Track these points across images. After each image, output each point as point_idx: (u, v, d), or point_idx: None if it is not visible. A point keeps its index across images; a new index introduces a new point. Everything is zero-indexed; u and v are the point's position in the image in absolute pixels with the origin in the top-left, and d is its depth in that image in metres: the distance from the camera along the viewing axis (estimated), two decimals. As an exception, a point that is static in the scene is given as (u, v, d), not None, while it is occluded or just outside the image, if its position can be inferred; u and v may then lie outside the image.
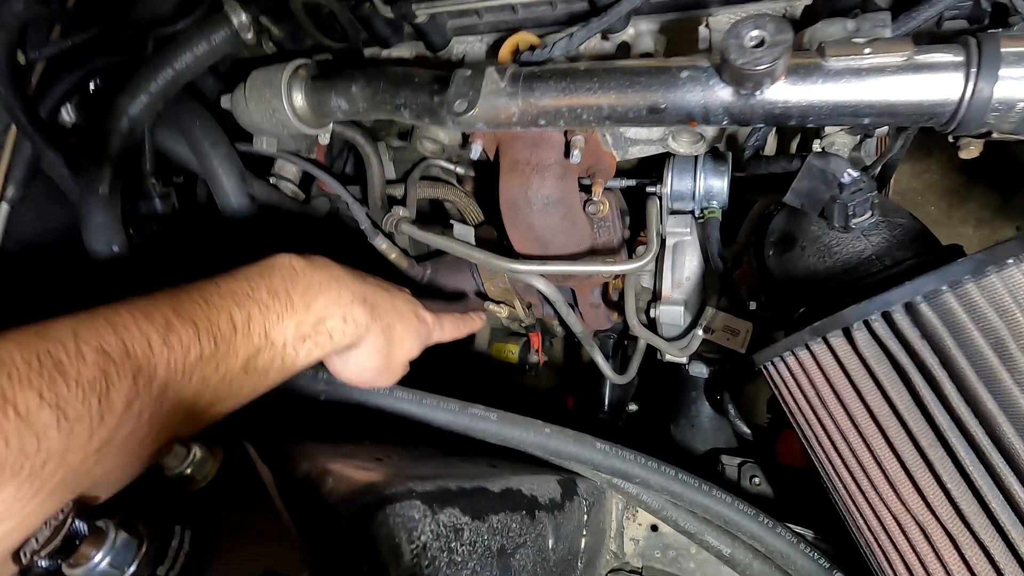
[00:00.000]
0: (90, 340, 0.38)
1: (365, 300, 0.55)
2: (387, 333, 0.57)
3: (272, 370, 0.47)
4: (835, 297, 0.58)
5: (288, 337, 0.47)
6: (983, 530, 0.46)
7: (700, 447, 1.12)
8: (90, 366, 0.37)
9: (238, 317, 0.45)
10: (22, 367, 0.35)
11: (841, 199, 0.55)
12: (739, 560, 0.78)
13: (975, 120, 0.46)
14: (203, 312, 0.43)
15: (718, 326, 0.89)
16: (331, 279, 0.53)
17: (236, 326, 0.44)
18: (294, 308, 0.48)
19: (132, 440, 0.39)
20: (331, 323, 0.51)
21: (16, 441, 0.33)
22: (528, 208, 0.83)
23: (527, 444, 0.71)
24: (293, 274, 0.50)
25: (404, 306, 0.61)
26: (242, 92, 0.79)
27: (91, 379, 0.37)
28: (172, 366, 0.40)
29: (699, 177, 0.88)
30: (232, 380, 0.44)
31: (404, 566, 0.41)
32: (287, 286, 0.49)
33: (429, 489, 0.49)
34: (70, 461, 0.35)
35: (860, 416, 0.52)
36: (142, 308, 0.41)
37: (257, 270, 0.50)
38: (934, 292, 0.48)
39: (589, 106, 0.58)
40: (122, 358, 0.38)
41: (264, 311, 0.46)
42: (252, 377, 0.45)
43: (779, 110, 0.51)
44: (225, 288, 0.46)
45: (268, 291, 0.48)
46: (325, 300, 0.51)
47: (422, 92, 0.66)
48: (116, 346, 0.38)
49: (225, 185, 0.79)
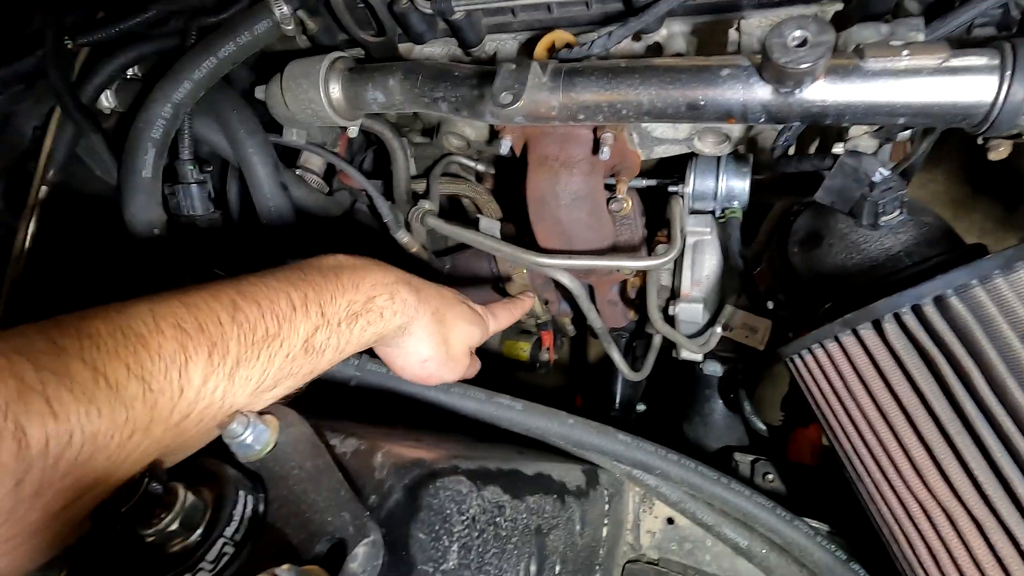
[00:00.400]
0: (167, 316, 0.39)
1: (410, 283, 0.57)
2: (437, 316, 0.59)
3: (328, 348, 0.48)
4: (863, 292, 0.59)
5: (342, 315, 0.49)
6: (1009, 515, 0.48)
7: (713, 444, 1.13)
8: (169, 340, 0.38)
9: (296, 297, 0.46)
10: (108, 340, 0.36)
11: (872, 197, 0.57)
12: (755, 552, 0.80)
13: (1008, 122, 0.48)
14: (264, 294, 0.45)
15: (737, 323, 0.91)
16: (375, 264, 0.55)
17: (295, 305, 0.46)
18: (344, 288, 0.50)
19: (207, 414, 0.40)
20: (380, 300, 0.52)
21: (108, 411, 0.34)
22: (556, 203, 0.85)
23: (551, 434, 0.72)
24: (339, 262, 0.53)
25: (451, 295, 0.63)
26: (278, 83, 0.81)
27: (172, 352, 0.38)
28: (242, 342, 0.42)
29: (721, 178, 0.90)
30: (294, 359, 0.45)
31: (457, 535, 0.42)
32: (337, 270, 0.51)
33: (472, 467, 0.51)
34: (153, 433, 0.36)
35: (888, 406, 0.54)
36: (209, 290, 0.43)
37: (307, 263, 0.52)
38: (964, 286, 0.50)
39: (629, 102, 0.60)
40: (197, 333, 0.39)
41: (318, 291, 0.48)
42: (311, 356, 0.47)
43: (817, 109, 0.53)
44: (280, 274, 0.48)
45: (320, 274, 0.50)
46: (371, 280, 0.53)
47: (462, 85, 0.67)
48: (191, 322, 0.40)
49: (260, 173, 0.80)
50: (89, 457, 0.34)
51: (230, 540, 0.38)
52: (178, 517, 0.37)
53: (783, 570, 0.79)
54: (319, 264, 0.52)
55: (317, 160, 1.07)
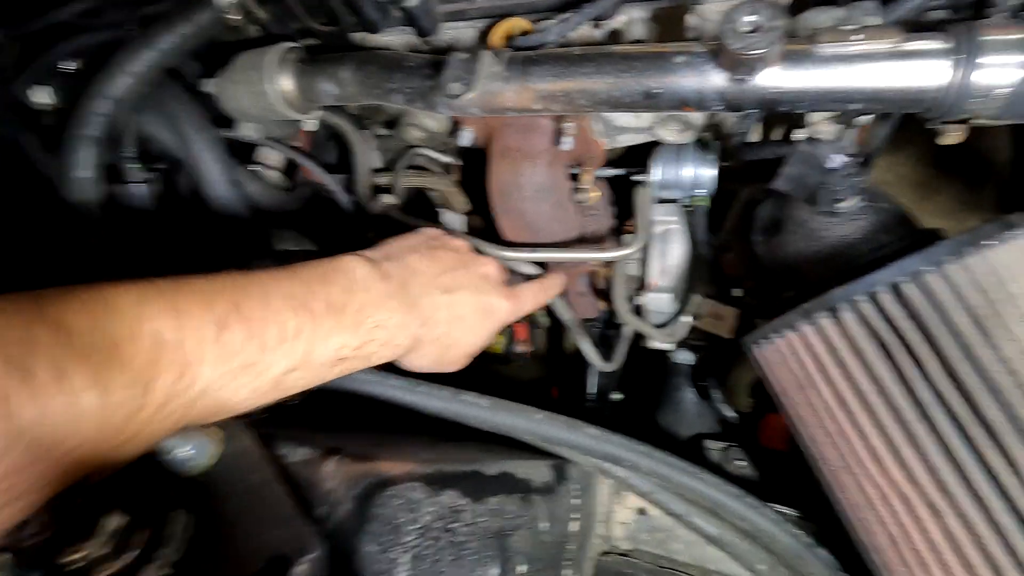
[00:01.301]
0: (150, 320, 0.36)
1: (417, 317, 0.53)
2: (440, 342, 0.56)
3: (298, 387, 0.45)
4: (822, 280, 0.59)
5: (327, 357, 0.46)
6: (964, 501, 0.48)
7: (685, 432, 1.14)
8: (144, 351, 0.35)
9: (291, 328, 0.43)
10: (82, 338, 0.33)
11: (829, 184, 0.57)
12: (726, 540, 0.80)
13: (958, 106, 0.48)
14: (260, 313, 0.41)
15: (705, 312, 0.91)
16: (387, 296, 0.51)
17: (285, 337, 0.42)
18: (343, 328, 0.47)
19: (153, 437, 0.37)
20: (371, 347, 0.49)
21: (62, 419, 0.31)
22: (519, 195, 0.83)
23: (519, 431, 0.71)
24: (352, 284, 0.49)
25: (473, 302, 0.59)
26: (227, 76, 0.78)
27: (142, 366, 0.35)
28: (217, 368, 0.38)
29: (687, 166, 0.89)
30: (260, 392, 0.42)
31: (408, 546, 0.41)
32: (344, 301, 0.47)
33: (429, 471, 0.49)
34: (99, 449, 0.34)
35: (846, 394, 0.54)
36: (206, 293, 0.39)
37: (320, 273, 0.48)
38: (918, 273, 0.50)
39: (585, 91, 0.58)
40: (175, 349, 0.36)
41: (315, 326, 0.44)
42: (278, 389, 0.43)
43: (771, 95, 0.53)
44: (287, 289, 0.44)
45: (326, 303, 0.46)
46: (374, 321, 0.49)
47: (415, 76, 0.65)
48: (173, 333, 0.36)
49: (210, 170, 0.77)
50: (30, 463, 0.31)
51: (166, 563, 0.37)
52: (106, 541, 0.35)
53: (752, 556, 0.79)
54: (331, 285, 0.47)
55: (275, 155, 1.03)
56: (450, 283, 0.58)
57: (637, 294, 0.98)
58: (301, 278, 0.46)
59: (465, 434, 0.72)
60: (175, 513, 0.38)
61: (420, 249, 0.58)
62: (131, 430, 0.35)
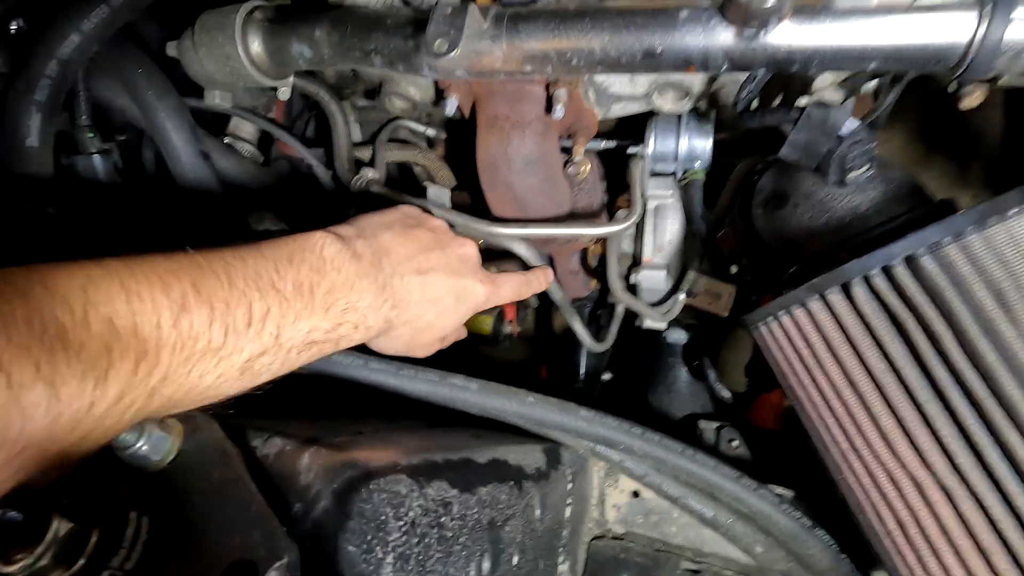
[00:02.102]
0: (100, 305, 0.32)
1: (388, 299, 0.50)
2: (412, 324, 0.54)
3: (266, 373, 0.42)
4: (831, 254, 0.56)
5: (297, 341, 0.42)
6: (979, 484, 0.46)
7: (677, 413, 1.12)
8: (95, 338, 0.31)
9: (257, 310, 0.39)
10: (23, 327, 0.29)
11: (840, 151, 0.53)
12: (721, 522, 0.78)
13: (985, 63, 0.44)
14: (222, 294, 0.38)
15: (700, 290, 0.88)
16: (358, 276, 0.48)
17: (251, 320, 0.39)
18: (313, 310, 0.43)
19: (110, 433, 0.33)
20: (343, 330, 0.46)
21: (2, 421, 0.27)
22: (507, 168, 0.79)
23: (510, 414, 0.68)
24: (322, 265, 0.45)
25: (447, 284, 0.56)
26: (190, 37, 0.71)
27: (94, 356, 0.31)
28: (177, 354, 0.35)
29: (682, 137, 0.85)
30: (224, 379, 0.38)
31: (392, 544, 0.38)
32: (312, 281, 0.44)
33: (415, 462, 0.46)
34: (47, 451, 0.30)
35: (857, 373, 0.51)
36: (161, 274, 0.35)
37: (288, 252, 0.44)
38: (937, 245, 0.47)
39: (580, 50, 0.54)
40: (129, 335, 0.32)
41: (283, 308, 0.41)
42: (244, 377, 0.40)
43: (782, 54, 0.49)
44: (252, 268, 0.41)
45: (294, 284, 0.42)
46: (344, 304, 0.46)
47: (395, 36, 0.60)
48: (126, 318, 0.32)
49: (174, 141, 0.71)
50: None
51: (119, 570, 0.33)
52: (50, 550, 0.31)
53: (749, 538, 0.78)
54: (299, 265, 0.44)
55: (248, 127, 0.97)
56: (425, 264, 0.54)
57: (631, 271, 0.95)
58: (267, 257, 0.43)
59: (456, 418, 0.69)
60: (130, 515, 0.34)
61: (395, 227, 0.54)
62: (85, 427, 0.31)
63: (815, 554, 0.72)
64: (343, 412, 0.64)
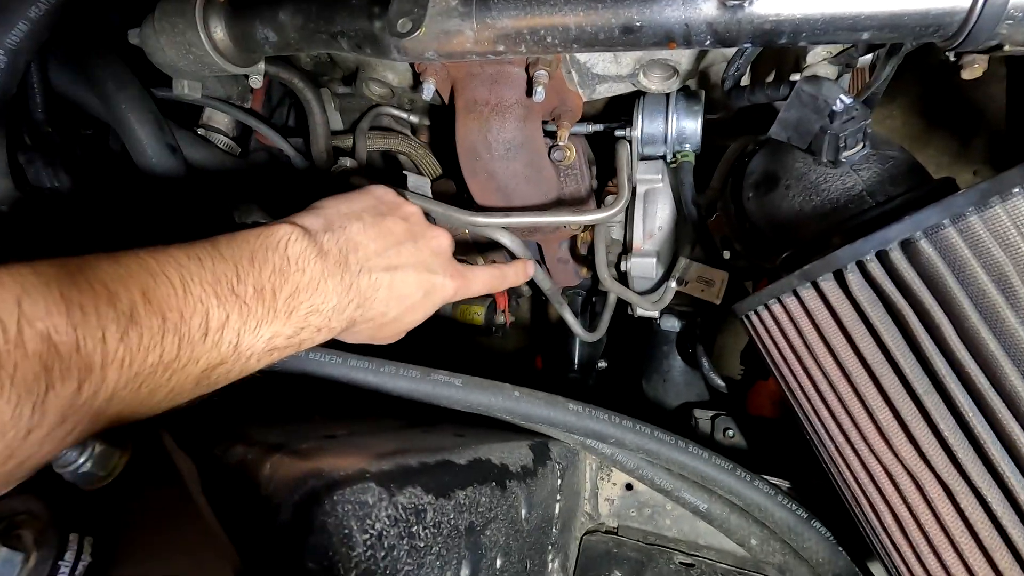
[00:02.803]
0: (36, 320, 0.29)
1: (354, 300, 0.48)
2: (376, 321, 0.52)
3: (223, 381, 0.39)
4: (824, 239, 0.53)
5: (258, 349, 0.40)
6: (980, 478, 0.44)
7: (672, 402, 1.10)
8: (31, 358, 0.28)
9: (215, 318, 0.37)
10: None
11: (832, 129, 0.50)
12: (716, 515, 0.77)
13: (987, 30, 0.41)
14: (176, 302, 0.35)
15: (692, 277, 0.85)
16: (324, 276, 0.45)
17: (208, 329, 0.36)
18: (275, 315, 0.41)
19: (49, 456, 0.31)
20: (305, 333, 0.44)
21: None
22: (488, 154, 0.75)
23: (496, 409, 0.66)
24: (285, 266, 0.43)
25: (416, 280, 0.54)
26: (151, 24, 0.68)
27: (30, 379, 0.28)
28: (124, 371, 0.32)
29: (671, 118, 0.82)
30: (178, 392, 0.36)
31: (356, 560, 0.35)
32: (275, 284, 0.41)
33: (386, 468, 0.43)
34: None
35: (851, 365, 0.49)
36: (106, 282, 0.32)
37: (249, 251, 0.41)
38: (935, 227, 0.44)
39: (554, 27, 0.50)
40: (70, 352, 0.30)
41: (243, 315, 0.39)
42: (199, 388, 0.38)
43: (770, 25, 0.45)
44: (209, 271, 0.38)
45: (255, 288, 0.40)
46: (308, 307, 0.43)
47: (360, 16, 0.57)
48: (67, 334, 0.29)
49: (138, 134, 0.68)
50: None
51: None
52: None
53: (744, 531, 0.76)
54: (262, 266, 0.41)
55: (223, 117, 0.94)
56: (395, 260, 0.52)
57: (621, 259, 0.92)
58: (226, 258, 0.40)
59: (444, 414, 0.67)
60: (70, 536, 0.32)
61: (365, 217, 0.51)
62: (21, 456, 0.29)
63: (811, 546, 0.70)
64: (320, 413, 0.61)
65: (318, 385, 0.61)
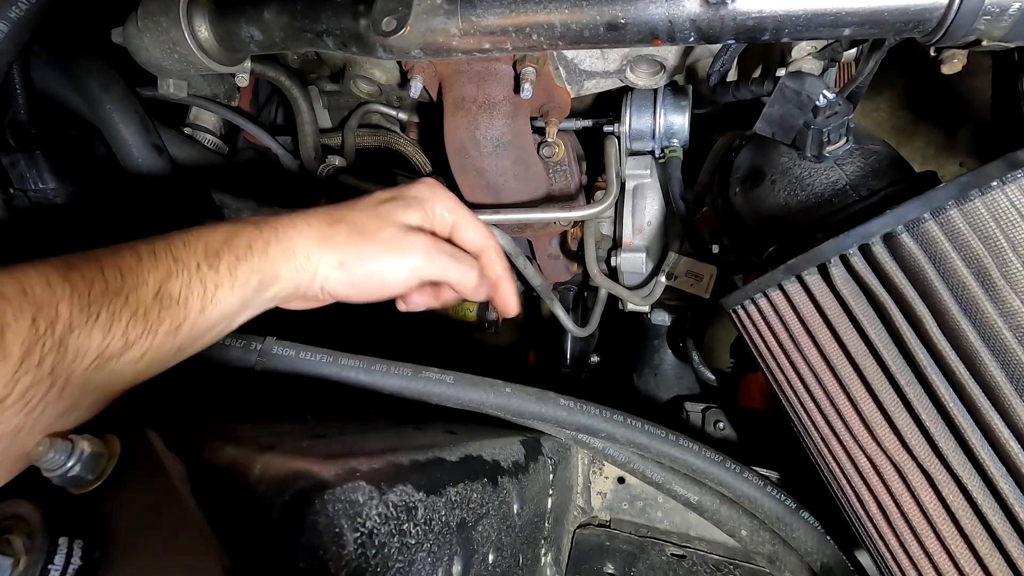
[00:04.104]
0: None
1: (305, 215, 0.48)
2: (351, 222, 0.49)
3: (192, 297, 0.41)
4: (808, 233, 0.54)
5: (200, 255, 0.42)
6: (960, 467, 0.45)
7: (664, 395, 1.11)
8: None
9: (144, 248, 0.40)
10: None
11: (816, 124, 0.51)
12: (706, 507, 0.77)
13: (965, 26, 0.42)
14: (109, 252, 0.38)
15: (681, 272, 0.86)
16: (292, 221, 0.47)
17: (141, 256, 0.39)
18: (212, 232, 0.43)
19: (33, 397, 0.33)
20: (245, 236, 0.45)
21: None
22: (477, 151, 0.76)
23: (487, 406, 0.66)
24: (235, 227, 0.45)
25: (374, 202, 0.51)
26: (134, 22, 0.67)
27: None
28: (75, 303, 0.35)
29: (659, 113, 0.82)
30: (145, 315, 0.38)
31: (346, 559, 0.36)
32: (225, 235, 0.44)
33: (376, 467, 0.44)
34: None
35: (835, 357, 0.50)
36: (43, 258, 0.36)
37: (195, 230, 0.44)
38: (916, 221, 0.45)
39: (539, 24, 0.50)
40: (17, 297, 0.33)
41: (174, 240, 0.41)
42: (168, 311, 0.40)
43: (752, 21, 0.46)
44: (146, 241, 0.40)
45: (195, 234, 0.43)
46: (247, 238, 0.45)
47: (345, 14, 0.57)
48: (11, 287, 0.33)
49: (123, 134, 0.68)
50: None
51: (47, 602, 0.31)
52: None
53: (734, 522, 0.77)
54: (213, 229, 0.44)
55: (210, 116, 0.94)
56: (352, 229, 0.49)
57: (611, 254, 0.93)
58: (168, 235, 0.42)
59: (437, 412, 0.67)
60: (59, 540, 0.32)
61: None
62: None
63: (800, 536, 0.71)
64: (311, 412, 0.61)
65: (310, 385, 0.61)
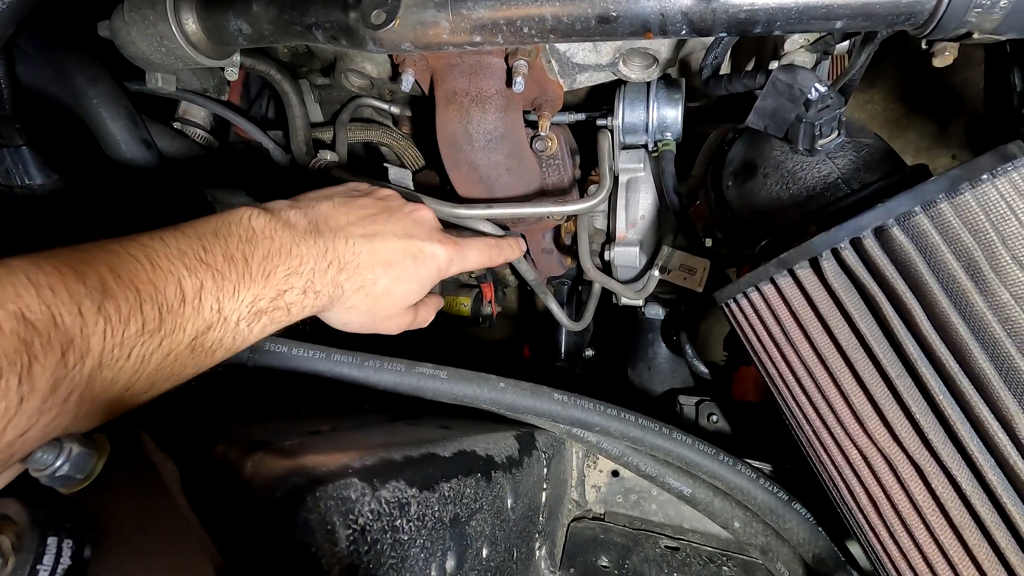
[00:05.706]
0: (7, 303, 0.30)
1: (334, 263, 0.48)
2: (366, 290, 0.51)
3: (221, 349, 0.41)
4: (800, 227, 0.54)
5: (243, 312, 0.41)
6: (950, 458, 0.45)
7: (658, 389, 1.11)
8: (8, 336, 0.30)
9: (188, 287, 0.38)
10: None
11: (808, 117, 0.50)
12: (700, 499, 0.78)
13: (956, 19, 0.42)
14: (146, 275, 0.36)
15: (674, 265, 0.86)
16: (294, 241, 0.46)
17: (185, 296, 0.38)
18: (252, 278, 0.42)
19: (53, 430, 0.33)
20: (290, 296, 0.44)
21: None
22: (470, 145, 0.75)
23: (481, 401, 0.66)
24: (252, 235, 0.44)
25: (399, 246, 0.53)
26: (121, 16, 0.66)
27: (10, 353, 0.30)
28: (108, 339, 0.34)
29: (652, 107, 0.82)
30: (176, 359, 0.38)
31: (339, 555, 0.36)
32: (245, 251, 0.42)
33: (369, 463, 0.44)
34: None
35: (827, 350, 0.50)
36: (72, 264, 0.34)
37: (212, 227, 0.42)
38: (907, 214, 0.45)
39: (531, 17, 0.50)
40: (48, 327, 0.31)
41: (218, 281, 0.40)
42: (197, 356, 0.39)
43: (744, 14, 0.45)
44: (174, 247, 0.39)
45: (224, 256, 0.41)
46: (285, 270, 0.44)
47: (334, 7, 0.56)
48: (41, 312, 0.31)
49: (110, 129, 0.67)
50: None
51: (37, 602, 0.30)
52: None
53: (727, 514, 0.77)
54: (227, 238, 0.42)
55: (199, 110, 0.93)
56: (371, 228, 0.52)
57: (604, 248, 0.93)
58: (189, 235, 0.41)
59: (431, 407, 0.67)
60: (48, 540, 0.32)
61: (335, 198, 0.52)
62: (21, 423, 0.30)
63: (792, 527, 0.72)
64: (304, 409, 0.61)
65: (303, 381, 0.61)
